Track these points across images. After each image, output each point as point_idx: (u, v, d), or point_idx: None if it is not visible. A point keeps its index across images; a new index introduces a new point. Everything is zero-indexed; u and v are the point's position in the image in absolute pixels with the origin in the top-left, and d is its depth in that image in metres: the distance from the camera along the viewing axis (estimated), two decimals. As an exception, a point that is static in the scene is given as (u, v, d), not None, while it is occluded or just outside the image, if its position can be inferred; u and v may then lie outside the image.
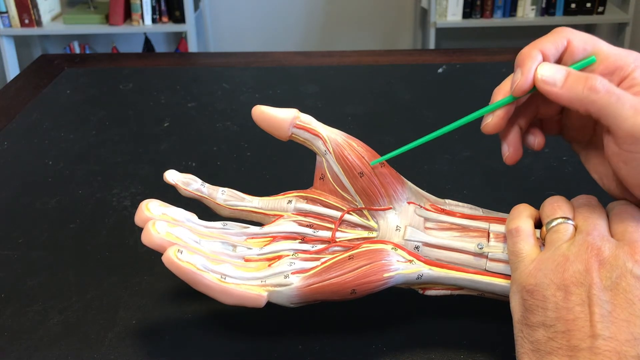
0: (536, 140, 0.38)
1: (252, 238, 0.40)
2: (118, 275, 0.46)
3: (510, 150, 0.38)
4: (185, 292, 0.44)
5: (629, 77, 0.34)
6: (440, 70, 0.86)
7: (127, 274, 0.46)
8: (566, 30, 0.36)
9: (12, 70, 2.34)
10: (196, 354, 0.39)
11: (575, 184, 0.57)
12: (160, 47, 2.59)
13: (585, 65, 0.35)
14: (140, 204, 0.38)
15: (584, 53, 0.35)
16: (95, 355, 0.39)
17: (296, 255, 0.38)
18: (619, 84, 0.34)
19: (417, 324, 0.41)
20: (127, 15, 2.31)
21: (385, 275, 0.36)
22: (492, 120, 0.36)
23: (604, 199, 0.37)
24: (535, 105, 0.38)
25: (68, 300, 0.44)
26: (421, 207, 0.40)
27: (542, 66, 0.34)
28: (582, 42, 0.35)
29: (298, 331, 0.41)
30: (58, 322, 0.42)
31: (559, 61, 0.36)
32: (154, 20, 2.31)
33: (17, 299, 0.44)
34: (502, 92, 0.36)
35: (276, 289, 0.36)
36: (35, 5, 2.24)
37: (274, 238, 0.39)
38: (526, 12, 2.41)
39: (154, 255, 0.46)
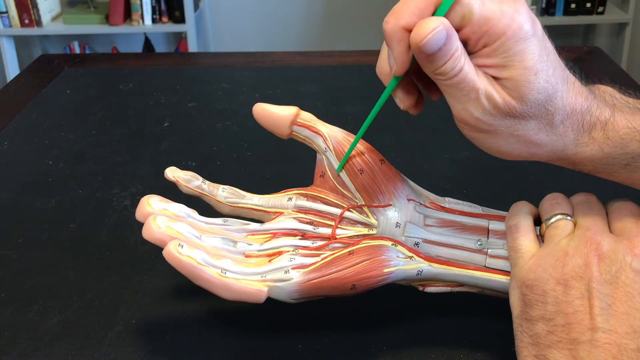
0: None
1: (253, 234, 0.40)
2: (118, 275, 0.46)
3: (404, 99, 0.37)
4: (185, 292, 0.44)
5: (493, 45, 0.31)
6: (440, 69, 0.85)
7: (127, 274, 0.46)
8: None
9: (12, 70, 2.34)
10: (196, 353, 0.39)
11: (574, 183, 0.57)
12: (160, 47, 2.59)
13: (446, 7, 0.31)
14: (142, 199, 0.38)
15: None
16: (95, 355, 0.39)
17: (296, 251, 0.38)
18: (482, 48, 0.31)
19: (417, 322, 0.41)
20: (127, 15, 2.30)
21: (385, 270, 0.36)
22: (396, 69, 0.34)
23: (603, 197, 0.37)
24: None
25: (68, 300, 0.44)
26: (421, 204, 0.40)
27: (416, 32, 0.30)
28: None
29: (298, 330, 0.41)
30: (58, 322, 0.42)
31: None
32: (154, 20, 2.31)
33: (17, 299, 0.44)
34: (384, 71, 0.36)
35: (276, 284, 0.35)
36: (35, 5, 2.23)
37: (275, 235, 0.39)
38: (526, 12, 2.41)
39: (154, 255, 0.47)
